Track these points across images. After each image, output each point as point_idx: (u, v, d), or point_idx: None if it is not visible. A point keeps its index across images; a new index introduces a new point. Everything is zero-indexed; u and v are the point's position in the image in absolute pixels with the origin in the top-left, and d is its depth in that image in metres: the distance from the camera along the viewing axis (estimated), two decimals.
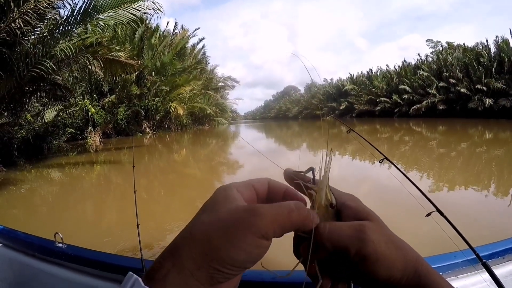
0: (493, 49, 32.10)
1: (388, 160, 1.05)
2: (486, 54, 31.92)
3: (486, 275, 0.75)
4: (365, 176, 7.64)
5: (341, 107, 61.89)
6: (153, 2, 9.54)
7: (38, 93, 10.48)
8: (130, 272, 0.33)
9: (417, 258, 0.37)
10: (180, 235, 0.34)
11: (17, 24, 7.53)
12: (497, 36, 31.56)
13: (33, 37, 8.69)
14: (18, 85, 8.40)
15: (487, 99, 30.10)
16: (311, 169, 0.42)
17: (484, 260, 0.79)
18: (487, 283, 0.86)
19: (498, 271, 0.99)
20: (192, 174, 9.46)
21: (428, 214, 0.89)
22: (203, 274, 0.31)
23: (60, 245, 1.14)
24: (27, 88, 9.54)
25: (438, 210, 0.90)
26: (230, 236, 0.31)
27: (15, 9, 7.50)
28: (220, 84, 46.51)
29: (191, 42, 34.91)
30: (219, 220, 0.33)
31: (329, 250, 0.36)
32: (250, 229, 0.32)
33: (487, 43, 32.83)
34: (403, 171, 1.01)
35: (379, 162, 1.08)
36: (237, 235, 0.31)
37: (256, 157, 12.62)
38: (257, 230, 0.32)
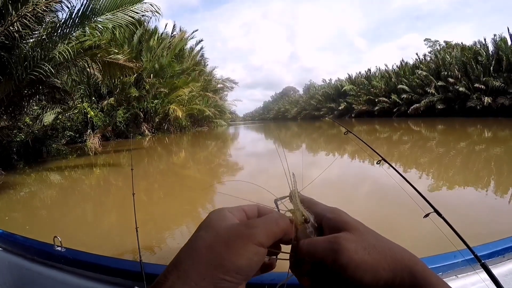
0: (491, 47, 32.19)
1: (386, 161, 1.05)
2: (484, 53, 31.98)
3: (485, 274, 0.75)
4: (363, 177, 7.63)
5: (340, 108, 61.99)
6: (151, 5, 9.56)
7: (37, 96, 10.48)
8: None
9: (410, 257, 0.38)
10: (183, 251, 0.37)
11: (16, 27, 7.53)
12: (495, 35, 31.67)
13: (31, 40, 8.69)
14: (17, 89, 8.40)
15: (486, 98, 30.15)
16: (276, 201, 0.48)
17: (482, 261, 0.79)
18: (486, 283, 0.86)
19: (497, 271, 0.99)
20: (192, 176, 9.45)
21: (426, 215, 0.89)
22: (207, 284, 0.33)
23: (59, 248, 1.14)
24: (26, 91, 9.54)
25: (436, 211, 0.90)
26: (232, 245, 0.35)
27: (13, 13, 7.51)
28: (219, 85, 46.60)
29: (190, 44, 34.97)
30: (219, 234, 0.36)
31: (310, 263, 0.40)
32: (249, 238, 0.36)
33: (485, 41, 32.96)
34: (401, 172, 1.01)
35: (377, 163, 1.08)
36: (238, 244, 0.35)
37: (255, 158, 12.63)
38: (255, 238, 0.36)
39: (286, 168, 0.47)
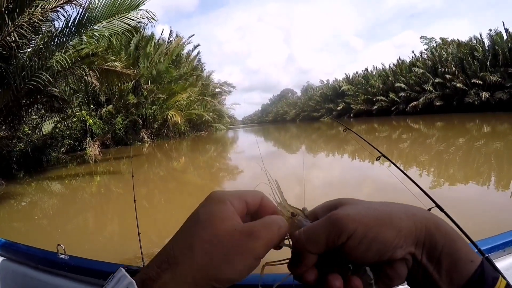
0: (487, 42, 32.38)
1: (385, 157, 1.05)
2: (480, 48, 32.11)
3: None
4: (364, 175, 7.64)
5: (338, 108, 62.12)
6: (146, 11, 9.57)
7: (36, 105, 10.48)
8: (123, 270, 0.33)
9: (425, 211, 0.37)
10: (179, 248, 0.35)
11: (12, 37, 7.54)
12: (490, 30, 31.82)
13: (28, 49, 8.70)
14: (15, 98, 8.40)
15: (483, 93, 30.24)
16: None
17: (486, 255, 0.79)
18: None
19: (500, 264, 0.99)
20: (192, 181, 9.45)
21: (428, 210, 0.89)
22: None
23: (62, 256, 1.14)
24: (24, 101, 9.54)
25: (437, 206, 0.90)
26: (230, 259, 0.33)
27: (10, 23, 7.52)
28: (216, 90, 46.59)
29: (187, 49, 34.97)
30: (220, 242, 0.34)
31: (315, 252, 0.36)
32: (249, 253, 0.34)
33: (481, 37, 33.06)
34: (401, 168, 1.02)
35: (377, 159, 1.08)
36: (236, 259, 0.34)
37: (255, 161, 12.62)
38: (254, 253, 0.34)
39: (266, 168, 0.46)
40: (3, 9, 7.40)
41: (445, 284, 0.34)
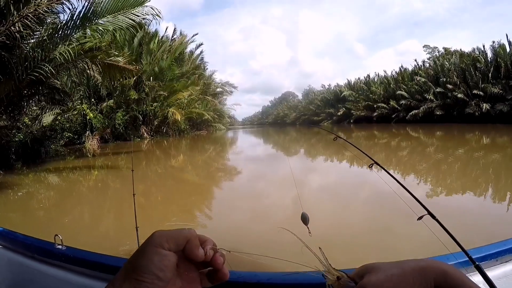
0: (489, 54, 32.40)
1: (378, 164, 1.06)
2: (483, 59, 32.16)
3: (479, 277, 0.76)
4: (358, 182, 7.60)
5: (339, 113, 62.06)
6: (152, 8, 9.60)
7: (37, 96, 10.50)
8: None
9: (435, 262, 0.48)
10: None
11: (17, 27, 7.56)
12: (493, 41, 31.90)
13: (32, 40, 8.72)
14: (17, 89, 8.41)
15: (484, 104, 30.27)
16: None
17: (477, 263, 0.80)
18: (480, 285, 0.87)
19: (491, 273, 1.00)
20: (190, 179, 9.45)
21: (420, 218, 0.90)
22: (128, 285, 0.42)
23: (60, 247, 1.15)
24: (25, 92, 9.55)
25: (429, 213, 0.91)
26: (139, 251, 0.45)
27: (15, 13, 7.54)
28: (218, 89, 46.61)
29: (190, 47, 34.96)
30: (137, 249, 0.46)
31: None
32: (150, 242, 0.45)
33: (484, 48, 33.13)
34: (394, 176, 1.03)
35: (369, 167, 1.09)
36: (141, 248, 0.45)
37: (254, 163, 12.62)
38: (154, 241, 0.45)
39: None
40: None
41: None
